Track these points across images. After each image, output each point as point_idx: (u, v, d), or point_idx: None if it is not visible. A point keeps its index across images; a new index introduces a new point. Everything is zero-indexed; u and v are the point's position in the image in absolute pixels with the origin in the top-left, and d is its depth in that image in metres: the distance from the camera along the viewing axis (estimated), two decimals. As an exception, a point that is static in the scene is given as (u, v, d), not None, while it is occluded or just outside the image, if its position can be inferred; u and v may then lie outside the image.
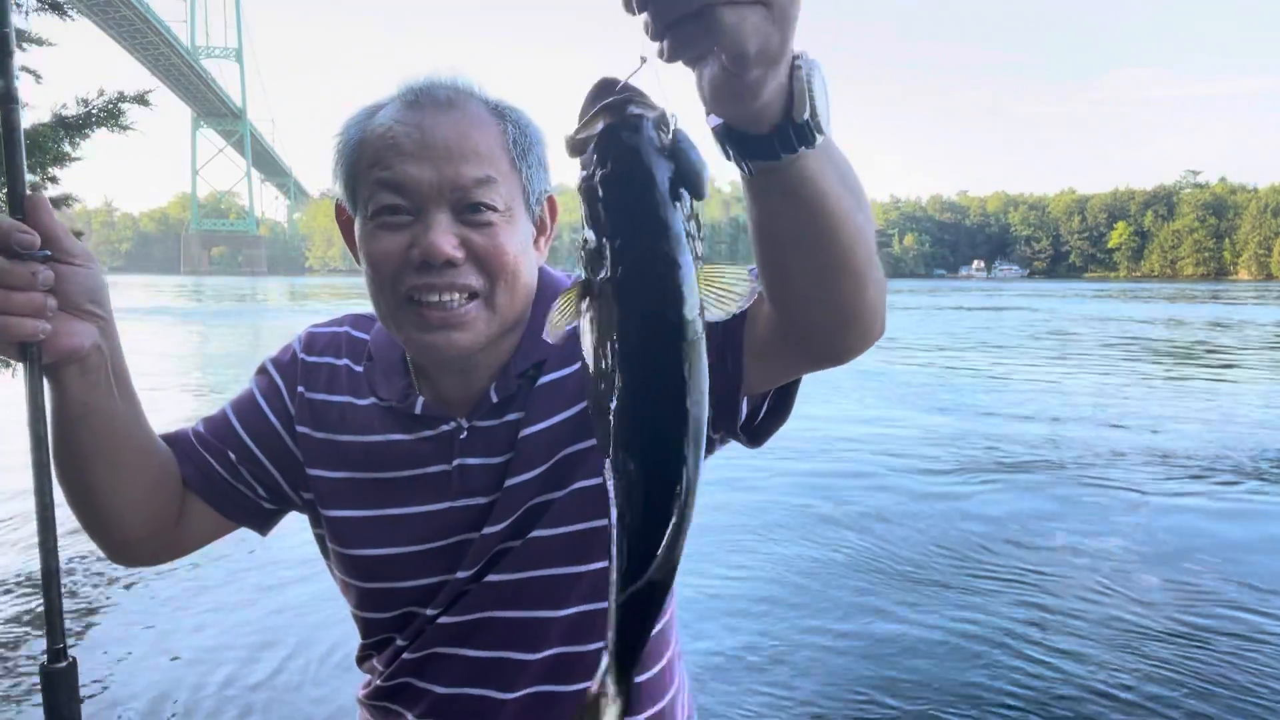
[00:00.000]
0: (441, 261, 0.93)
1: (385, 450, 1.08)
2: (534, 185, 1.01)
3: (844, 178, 0.72)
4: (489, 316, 0.98)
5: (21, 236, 0.83)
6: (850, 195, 0.73)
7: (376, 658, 1.16)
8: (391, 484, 1.08)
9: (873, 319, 0.81)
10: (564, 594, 1.06)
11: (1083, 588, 5.18)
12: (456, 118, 0.95)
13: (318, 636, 4.27)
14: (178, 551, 1.14)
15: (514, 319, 1.02)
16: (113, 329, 0.96)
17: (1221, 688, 3.93)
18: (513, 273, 0.98)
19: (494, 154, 0.96)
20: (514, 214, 0.98)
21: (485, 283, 0.97)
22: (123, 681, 3.84)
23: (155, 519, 1.08)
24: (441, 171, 0.93)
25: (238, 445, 1.13)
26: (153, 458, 1.07)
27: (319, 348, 1.16)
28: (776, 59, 0.60)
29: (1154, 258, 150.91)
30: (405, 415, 1.08)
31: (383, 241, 0.95)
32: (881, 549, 5.84)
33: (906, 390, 13.25)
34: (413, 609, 1.10)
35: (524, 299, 1.02)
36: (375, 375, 1.11)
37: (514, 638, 1.06)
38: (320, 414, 1.12)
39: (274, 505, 1.17)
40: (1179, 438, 9.56)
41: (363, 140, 0.97)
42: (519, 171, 0.99)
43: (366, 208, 0.97)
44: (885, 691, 3.89)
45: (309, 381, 1.13)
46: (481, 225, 0.95)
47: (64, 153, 6.24)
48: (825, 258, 0.74)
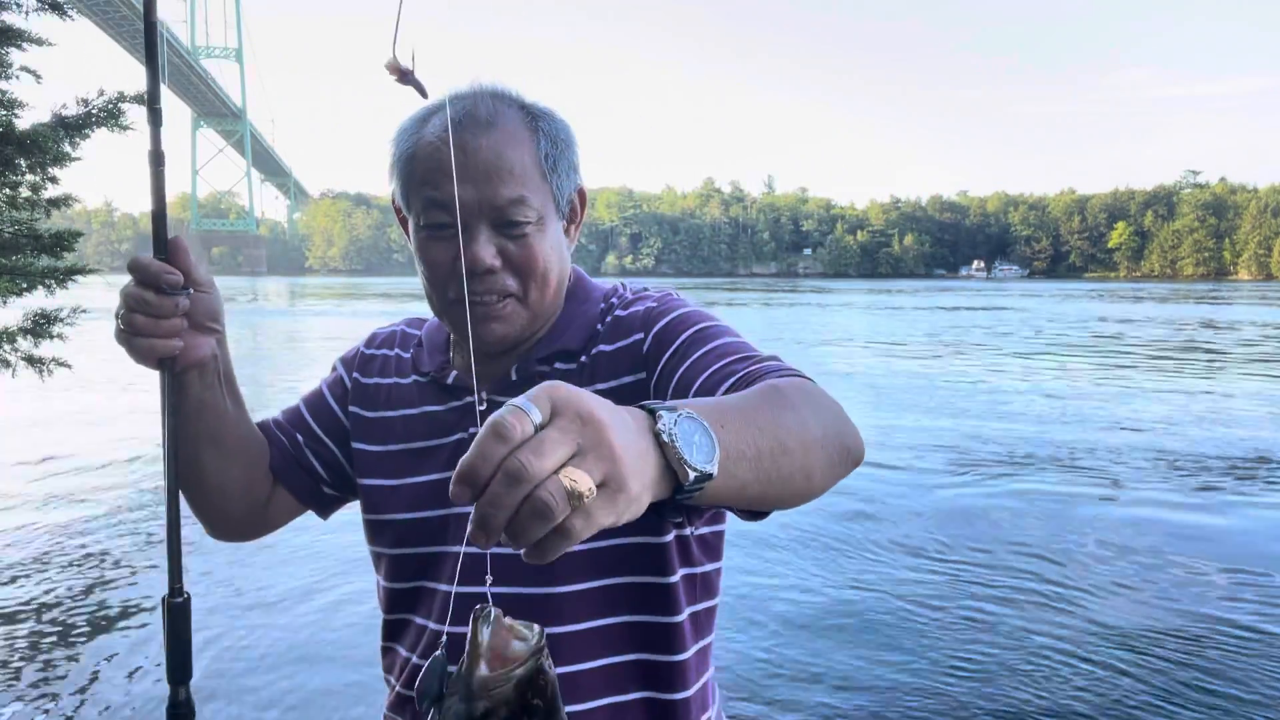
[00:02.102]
0: (483, 271, 1.08)
1: (420, 421, 1.21)
2: (563, 189, 1.15)
3: (774, 436, 0.73)
4: (523, 311, 1.13)
5: (170, 278, 1.03)
6: (786, 445, 0.74)
7: (396, 657, 1.20)
8: (421, 453, 1.19)
9: (838, 474, 0.83)
10: (567, 571, 1.09)
11: (1078, 589, 5.18)
12: (494, 138, 1.08)
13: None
14: (265, 529, 1.31)
15: (547, 311, 1.16)
16: (225, 340, 1.16)
17: (1221, 689, 3.93)
18: (543, 274, 1.12)
19: (527, 171, 1.09)
20: (545, 220, 1.12)
21: (520, 285, 1.11)
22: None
23: (251, 498, 1.26)
24: (481, 192, 1.07)
25: (305, 429, 1.30)
26: (252, 445, 1.25)
27: (379, 342, 1.33)
28: (637, 499, 0.60)
29: (1154, 258, 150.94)
30: (440, 387, 1.21)
31: (433, 252, 1.11)
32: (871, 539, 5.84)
33: (874, 393, 13.28)
34: (426, 583, 1.16)
35: (555, 292, 1.16)
36: (421, 355, 1.26)
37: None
38: (371, 395, 1.27)
39: (335, 490, 1.32)
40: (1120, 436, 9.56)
41: (414, 155, 1.10)
42: (549, 182, 1.12)
43: (419, 219, 1.11)
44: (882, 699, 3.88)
45: (364, 369, 1.31)
46: (517, 237, 1.09)
47: (64, 153, 6.24)
48: (779, 500, 0.77)
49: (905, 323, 30.93)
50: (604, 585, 1.09)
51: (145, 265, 1.03)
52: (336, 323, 29.97)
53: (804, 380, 0.88)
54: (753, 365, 0.95)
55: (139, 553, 5.90)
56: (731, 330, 1.08)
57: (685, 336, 1.07)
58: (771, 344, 22.38)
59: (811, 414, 0.79)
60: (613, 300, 1.20)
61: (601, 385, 1.11)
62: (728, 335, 1.06)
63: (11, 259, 6.06)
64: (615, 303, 1.19)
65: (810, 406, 0.81)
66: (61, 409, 11.09)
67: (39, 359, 6.17)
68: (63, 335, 6.25)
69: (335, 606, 4.86)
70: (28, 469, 8.18)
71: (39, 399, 10.65)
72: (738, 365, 0.97)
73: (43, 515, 6.73)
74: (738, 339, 1.05)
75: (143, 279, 1.02)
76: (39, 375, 6.19)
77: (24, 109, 6.16)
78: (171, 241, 1.05)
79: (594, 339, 1.16)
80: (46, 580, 5.35)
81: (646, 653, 1.11)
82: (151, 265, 1.03)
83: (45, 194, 6.38)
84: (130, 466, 8.29)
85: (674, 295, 1.19)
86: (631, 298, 1.20)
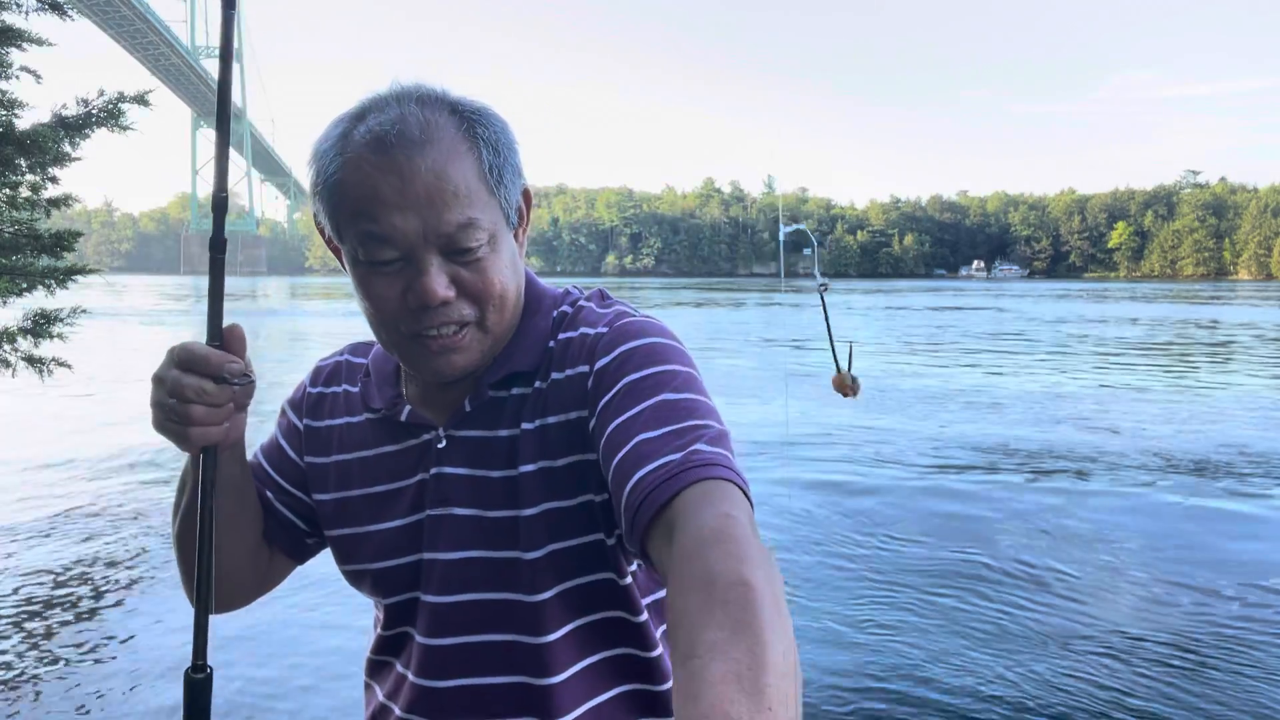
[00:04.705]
0: (436, 304, 1.00)
1: (377, 463, 1.15)
2: (510, 199, 1.05)
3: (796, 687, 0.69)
4: (482, 337, 1.05)
5: (233, 367, 0.99)
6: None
7: (373, 697, 1.19)
8: (383, 497, 1.13)
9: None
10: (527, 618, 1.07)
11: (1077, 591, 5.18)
12: (431, 157, 0.97)
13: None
14: (261, 594, 1.27)
15: (505, 331, 1.09)
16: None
17: (1222, 690, 3.93)
18: (500, 297, 1.04)
19: (473, 190, 1.00)
20: (497, 238, 1.03)
21: (477, 311, 1.04)
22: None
23: (257, 569, 1.23)
24: (425, 219, 0.97)
25: (272, 484, 1.24)
26: (259, 517, 1.21)
27: (323, 379, 1.25)
28: None
29: (1154, 258, 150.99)
30: (394, 424, 1.14)
31: (379, 287, 1.02)
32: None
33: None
34: (407, 628, 1.13)
35: (513, 310, 1.09)
36: (370, 389, 1.18)
37: (484, 657, 1.08)
38: (324, 440, 1.21)
39: (314, 539, 1.26)
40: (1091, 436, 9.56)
41: (342, 181, 0.99)
42: (497, 196, 1.03)
43: (356, 252, 1.01)
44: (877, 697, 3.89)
45: (314, 413, 1.23)
46: (470, 262, 1.01)
47: (64, 153, 6.25)
48: None
49: (896, 322, 30.90)
50: (575, 586, 1.07)
51: (207, 356, 0.98)
52: (336, 324, 29.95)
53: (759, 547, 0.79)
54: (676, 454, 0.89)
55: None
56: (680, 377, 1.00)
57: (621, 386, 0.99)
58: (772, 345, 22.40)
59: (789, 638, 0.73)
60: (564, 309, 1.13)
61: (553, 418, 1.05)
62: (665, 391, 0.97)
63: (11, 259, 6.07)
64: (568, 313, 1.12)
65: (785, 620, 0.74)
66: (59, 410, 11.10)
67: (39, 359, 6.18)
68: (63, 335, 6.26)
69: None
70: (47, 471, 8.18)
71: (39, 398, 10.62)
72: (662, 445, 0.91)
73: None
74: (678, 396, 0.97)
75: (204, 369, 0.98)
76: (39, 375, 6.20)
77: (24, 109, 6.18)
78: (229, 330, 1.01)
79: (548, 360, 1.08)
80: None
81: (635, 683, 1.10)
82: (214, 356, 0.98)
83: (45, 194, 6.39)
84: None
85: (626, 316, 1.09)
86: (583, 313, 1.11)
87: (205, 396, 0.97)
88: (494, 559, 1.06)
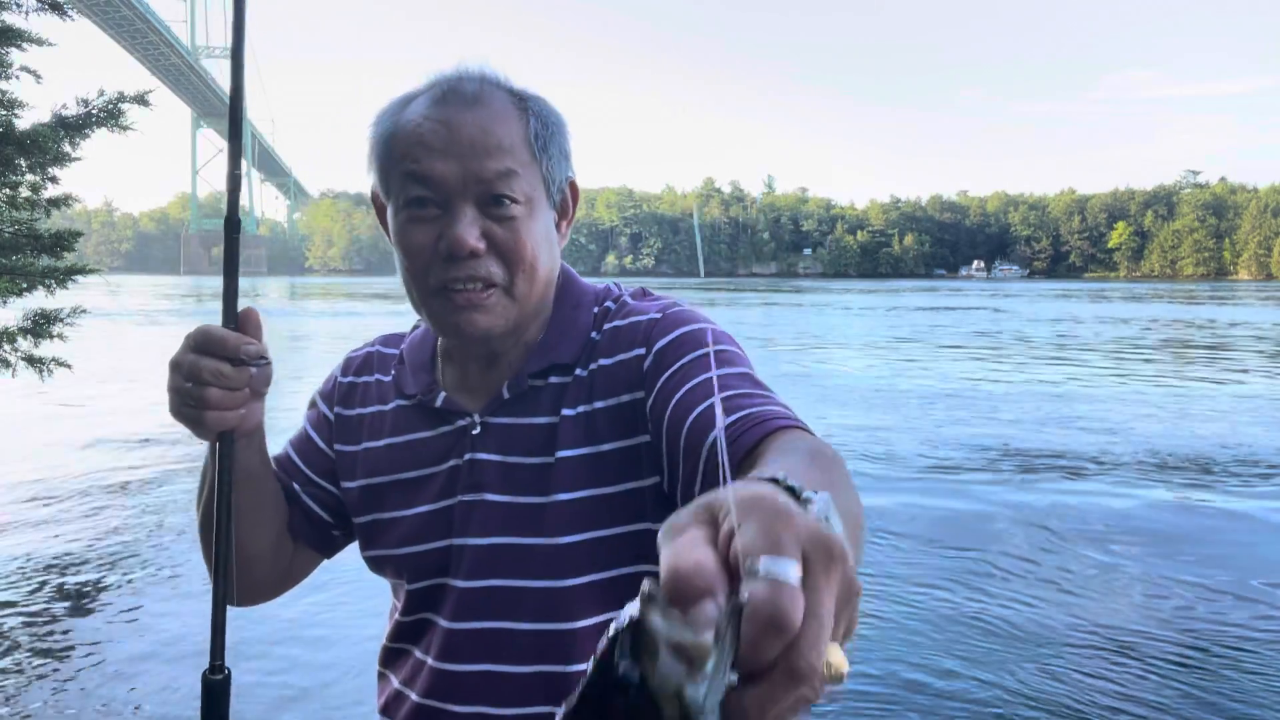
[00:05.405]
0: (465, 254, 1.00)
1: (408, 450, 1.15)
2: (555, 175, 1.07)
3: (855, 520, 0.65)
4: (508, 303, 1.05)
5: (249, 348, 0.99)
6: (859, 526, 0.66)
7: (388, 685, 1.17)
8: (413, 483, 1.13)
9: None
10: (574, 566, 1.07)
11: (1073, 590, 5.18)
12: (481, 114, 1.01)
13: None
14: (286, 589, 1.27)
15: (533, 306, 1.08)
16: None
17: (1222, 692, 3.93)
18: (531, 264, 1.04)
19: (516, 147, 1.02)
20: (535, 205, 1.04)
21: (505, 273, 1.03)
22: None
23: (279, 562, 1.21)
24: (466, 166, 1.00)
25: (300, 476, 1.23)
26: (281, 509, 1.20)
27: (354, 369, 1.26)
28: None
29: (1154, 258, 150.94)
30: (428, 410, 1.14)
31: (413, 235, 1.03)
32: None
33: (843, 392, 13.26)
34: (428, 615, 1.12)
35: (543, 287, 1.08)
36: (404, 376, 1.18)
37: (505, 647, 1.07)
38: (354, 428, 1.21)
39: (341, 532, 1.26)
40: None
41: (395, 134, 1.03)
42: (539, 163, 1.05)
43: (398, 199, 1.04)
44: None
45: (345, 401, 1.23)
46: (504, 219, 1.02)
47: (64, 153, 6.25)
48: None
49: (891, 322, 30.90)
50: (610, 577, 1.06)
51: (224, 338, 0.98)
52: (339, 323, 29.93)
53: (826, 445, 0.79)
54: (756, 407, 0.88)
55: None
56: (738, 357, 1.01)
57: (687, 360, 1.00)
58: (772, 343, 22.43)
59: (854, 492, 0.72)
60: (608, 305, 1.13)
61: (600, 403, 1.06)
62: (733, 364, 0.99)
63: (11, 259, 6.07)
64: (611, 308, 1.13)
65: (850, 483, 0.74)
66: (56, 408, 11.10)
67: (39, 359, 6.18)
68: (63, 335, 6.26)
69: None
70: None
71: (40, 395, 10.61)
72: (742, 401, 0.89)
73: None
74: (740, 369, 0.98)
75: (221, 352, 0.98)
76: (39, 375, 6.20)
77: (24, 109, 6.18)
78: (244, 314, 1.01)
79: (591, 350, 1.09)
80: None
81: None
82: (230, 338, 0.98)
83: (45, 194, 6.40)
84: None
85: (678, 306, 1.10)
86: (631, 305, 1.12)
87: (222, 379, 0.98)
88: (525, 545, 1.06)
